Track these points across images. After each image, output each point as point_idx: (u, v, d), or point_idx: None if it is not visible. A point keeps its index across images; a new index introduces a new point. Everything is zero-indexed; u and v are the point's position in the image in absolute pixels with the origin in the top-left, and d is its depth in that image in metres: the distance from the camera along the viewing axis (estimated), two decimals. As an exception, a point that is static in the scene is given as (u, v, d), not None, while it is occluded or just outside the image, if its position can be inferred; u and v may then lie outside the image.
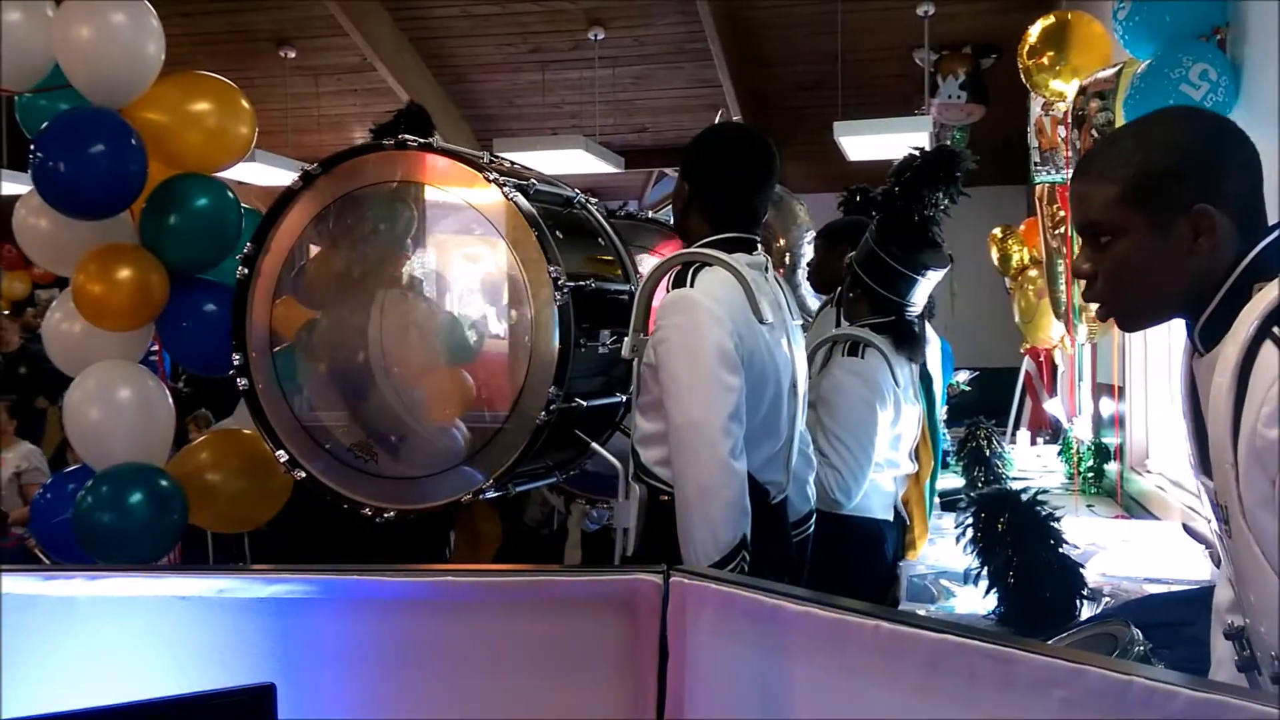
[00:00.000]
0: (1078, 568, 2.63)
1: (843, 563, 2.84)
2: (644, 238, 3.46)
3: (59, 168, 2.91)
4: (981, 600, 2.66)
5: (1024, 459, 5.56)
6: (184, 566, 3.12)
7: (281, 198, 2.76)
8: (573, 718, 1.56)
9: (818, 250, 3.77)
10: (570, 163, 7.05)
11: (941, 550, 3.33)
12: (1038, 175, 4.94)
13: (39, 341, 7.71)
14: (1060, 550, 2.61)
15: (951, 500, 3.92)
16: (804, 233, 4.42)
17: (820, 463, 2.85)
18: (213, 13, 7.44)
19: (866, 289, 3.06)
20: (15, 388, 6.75)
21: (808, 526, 2.63)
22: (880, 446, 2.98)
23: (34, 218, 3.15)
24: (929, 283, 3.04)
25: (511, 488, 2.69)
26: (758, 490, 2.31)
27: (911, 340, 3.08)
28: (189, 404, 4.51)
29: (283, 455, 2.74)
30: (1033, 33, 4.43)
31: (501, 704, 1.57)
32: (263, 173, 7.01)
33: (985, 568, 2.64)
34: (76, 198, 2.97)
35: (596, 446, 2.69)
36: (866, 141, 6.26)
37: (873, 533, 3.02)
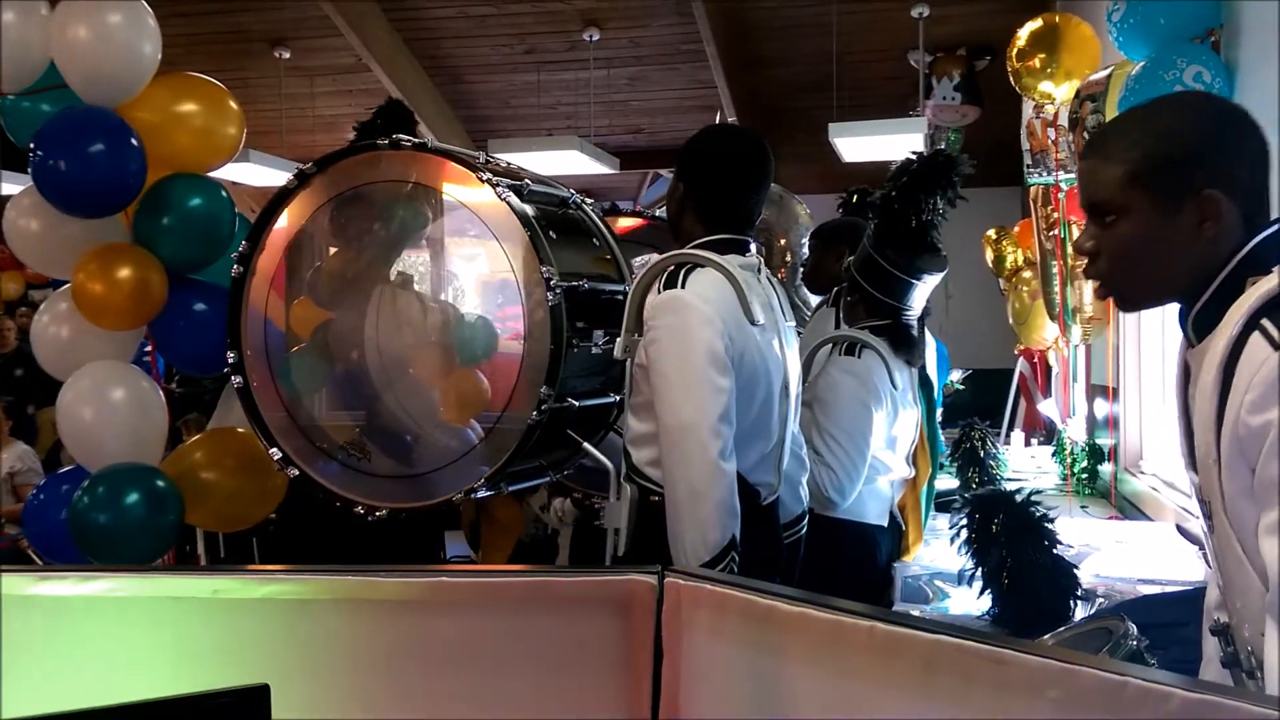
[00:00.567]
0: (1072, 569, 2.63)
1: (834, 566, 2.84)
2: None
3: (59, 166, 2.91)
4: (976, 601, 2.67)
5: (1018, 460, 5.56)
6: (178, 567, 3.12)
7: (276, 197, 2.76)
8: (567, 718, 1.56)
9: (812, 251, 3.77)
10: (565, 164, 7.05)
11: (936, 551, 3.33)
12: (1030, 177, 4.94)
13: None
14: (1054, 551, 2.62)
15: (946, 501, 3.92)
16: (805, 233, 4.42)
17: (815, 462, 2.85)
18: (208, 13, 7.44)
19: (864, 293, 3.06)
20: (11, 389, 6.73)
21: (800, 527, 2.63)
22: (875, 448, 2.98)
23: (24, 219, 3.14)
24: (926, 287, 3.04)
25: (504, 487, 2.69)
26: (749, 491, 2.31)
27: (909, 344, 3.08)
28: (182, 406, 4.49)
29: (276, 453, 2.74)
30: (1021, 35, 4.43)
31: (496, 704, 1.57)
32: (257, 173, 7.01)
33: (979, 569, 2.64)
34: (77, 195, 2.97)
35: (588, 447, 2.69)
36: (861, 143, 6.27)
37: (865, 537, 3.02)
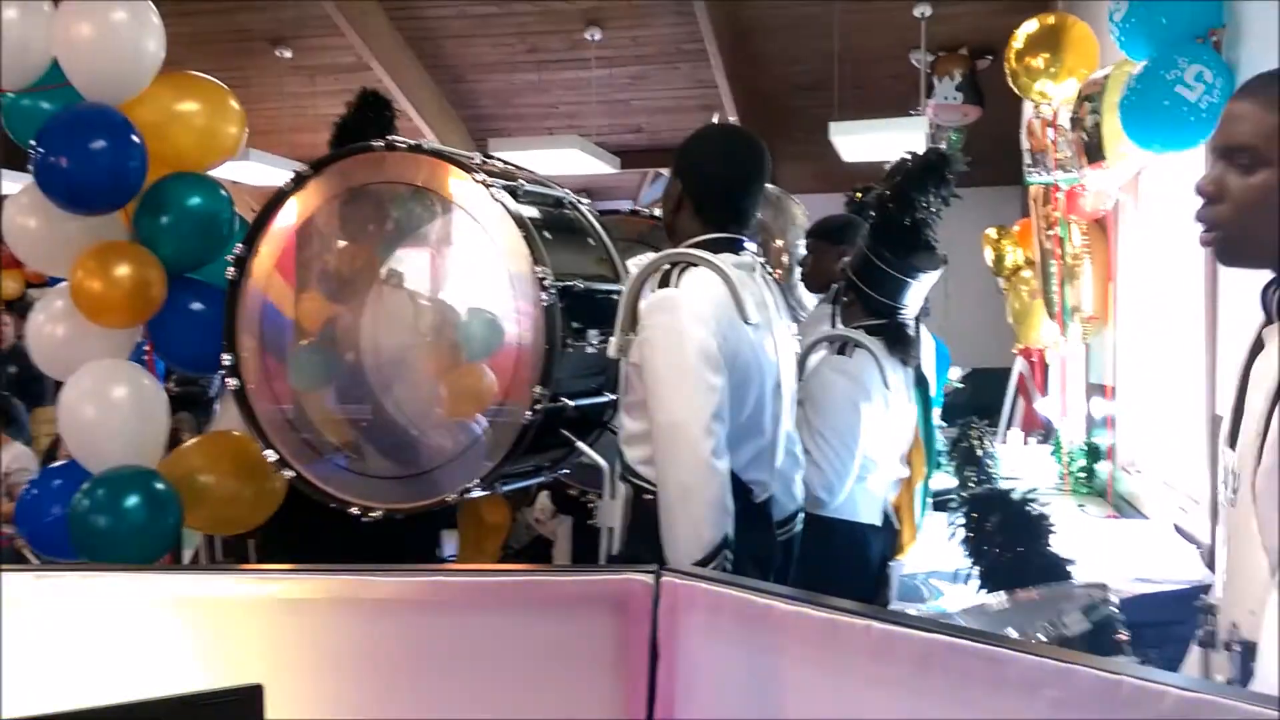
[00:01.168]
0: (1068, 567, 2.63)
1: (825, 565, 2.83)
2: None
3: (61, 162, 2.91)
4: (973, 600, 2.66)
5: (1016, 459, 5.56)
6: (174, 567, 3.12)
7: (273, 199, 2.76)
8: (563, 717, 1.56)
9: (810, 250, 3.77)
10: (566, 163, 7.04)
11: (932, 550, 3.33)
12: (1030, 177, 4.95)
13: (24, 340, 7.68)
14: (1050, 550, 2.61)
15: (943, 500, 3.92)
16: (801, 233, 4.41)
17: (805, 461, 2.85)
18: (209, 12, 7.42)
19: (860, 293, 3.06)
20: (6, 387, 6.72)
21: (794, 525, 2.63)
22: (867, 448, 2.98)
23: (23, 217, 3.13)
24: (922, 286, 3.04)
25: (499, 487, 2.69)
26: (742, 489, 2.31)
27: (905, 343, 3.08)
28: (173, 406, 4.49)
29: (271, 455, 2.74)
30: (1020, 36, 4.43)
31: (492, 703, 1.57)
32: (258, 172, 7.00)
33: (976, 567, 2.64)
34: (78, 192, 2.96)
35: (583, 446, 2.69)
36: (862, 142, 6.27)
37: (857, 536, 3.00)
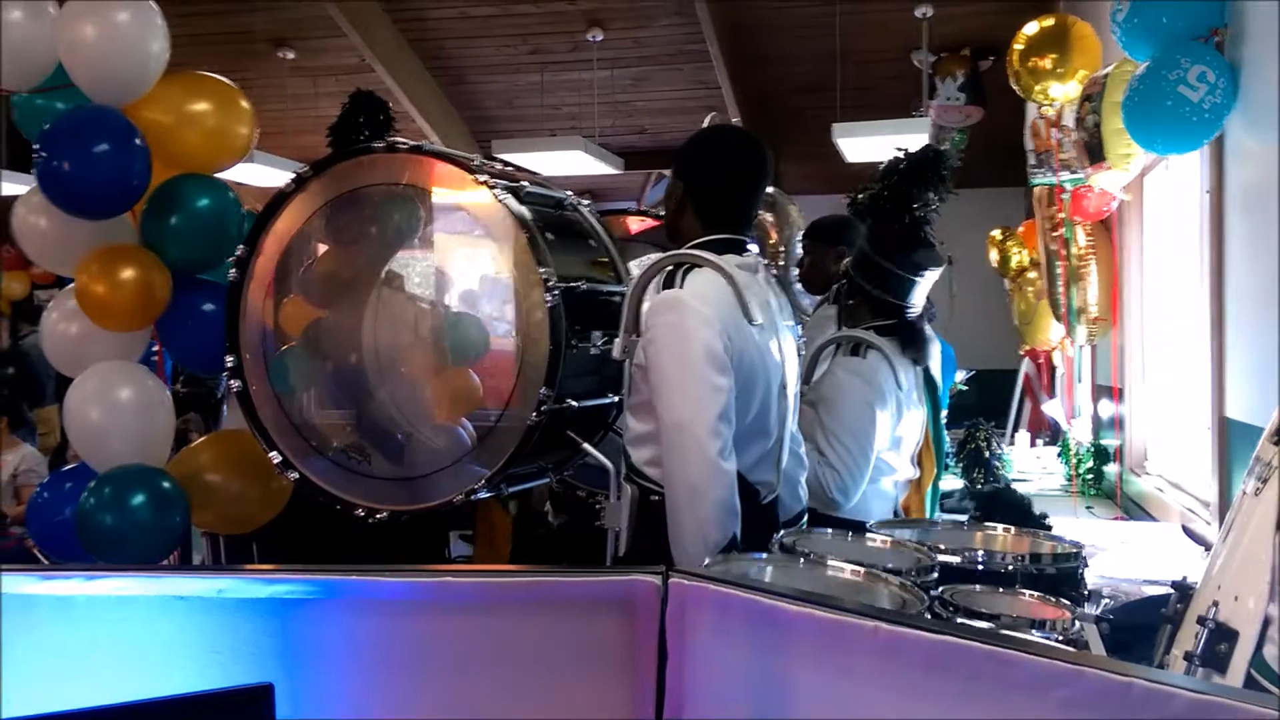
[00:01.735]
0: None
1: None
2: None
3: (64, 167, 2.90)
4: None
5: (1023, 460, 5.56)
6: (182, 566, 3.12)
7: (274, 200, 2.76)
8: (571, 718, 1.56)
9: (807, 250, 3.76)
10: (569, 164, 7.05)
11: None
12: (1034, 177, 4.94)
13: (25, 341, 7.69)
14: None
15: (950, 501, 3.92)
16: (797, 233, 4.42)
17: (819, 462, 2.85)
18: (211, 13, 7.44)
19: (865, 294, 3.06)
20: (3, 388, 6.73)
21: (800, 526, 2.63)
22: (880, 449, 2.98)
23: (34, 216, 3.13)
24: (927, 283, 3.04)
25: (504, 488, 2.69)
26: (748, 490, 2.31)
27: (917, 341, 3.08)
28: (181, 407, 4.51)
29: (276, 456, 2.74)
30: (1022, 37, 4.43)
31: (500, 704, 1.57)
32: (261, 173, 7.00)
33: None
34: (81, 197, 2.96)
35: (588, 447, 2.69)
36: (865, 143, 6.26)
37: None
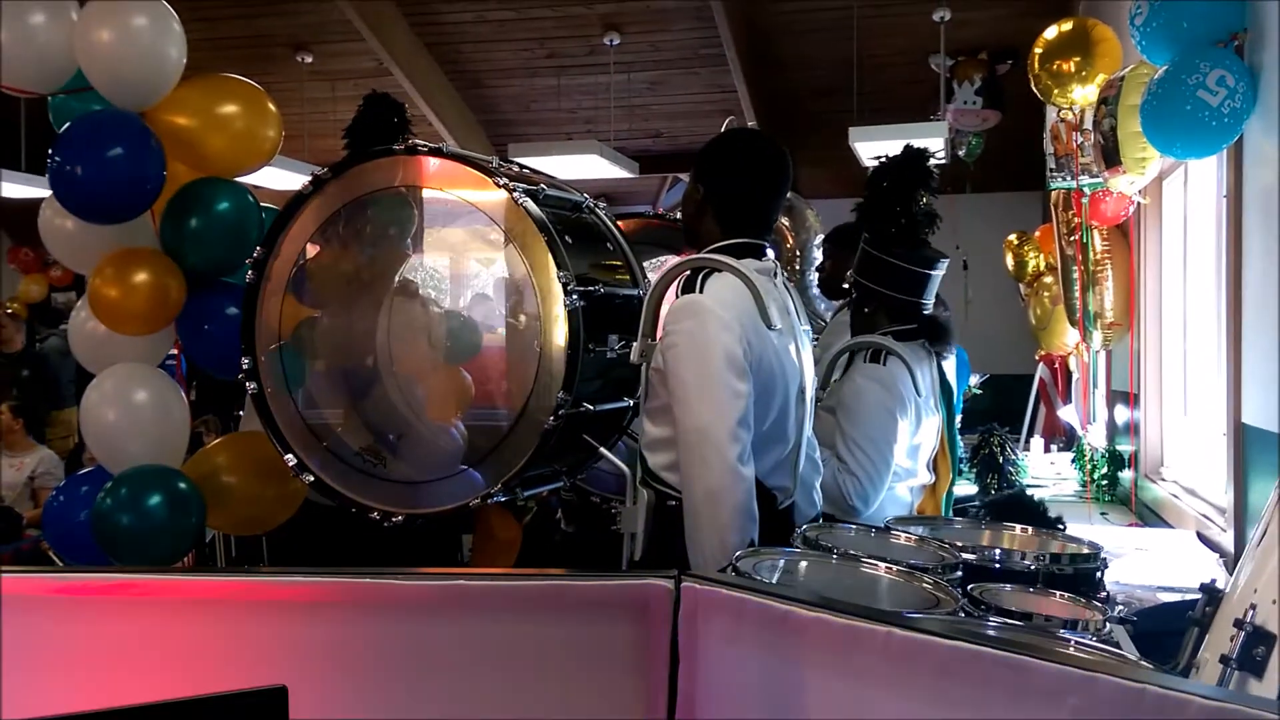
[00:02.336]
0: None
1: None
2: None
3: (76, 171, 2.91)
4: None
5: (1038, 466, 5.54)
6: (197, 568, 3.14)
7: (291, 202, 2.77)
8: (584, 719, 1.56)
9: (827, 255, 3.76)
10: (585, 168, 7.05)
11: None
12: (1053, 181, 4.92)
13: (44, 344, 7.76)
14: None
15: (964, 507, 3.90)
16: (814, 237, 4.42)
17: (839, 469, 2.84)
18: (230, 17, 7.48)
19: (883, 298, 3.04)
20: (19, 391, 6.78)
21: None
22: (898, 455, 2.97)
23: (60, 218, 3.15)
24: (937, 278, 3.05)
25: (519, 492, 2.69)
26: (765, 495, 2.31)
27: (946, 336, 3.10)
28: (198, 408, 4.54)
29: (291, 459, 2.74)
30: (1043, 40, 4.41)
31: (513, 707, 1.57)
32: (279, 177, 7.02)
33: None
34: (92, 202, 2.96)
35: (604, 451, 2.69)
36: (882, 147, 6.24)
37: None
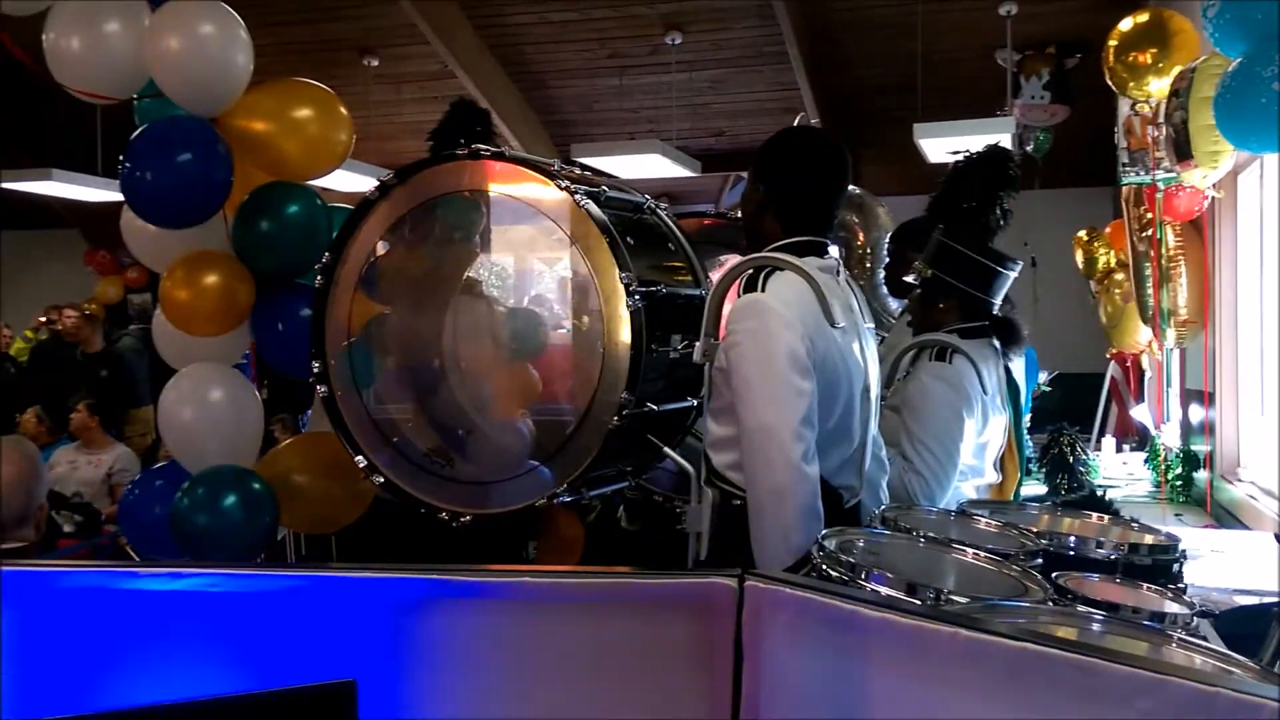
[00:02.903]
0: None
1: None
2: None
3: (145, 177, 2.98)
4: None
5: (1110, 466, 5.45)
6: (268, 564, 3.19)
7: (359, 208, 2.81)
8: (648, 718, 1.56)
9: (891, 253, 3.73)
10: (647, 167, 7.07)
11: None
12: (1125, 176, 4.84)
13: (118, 343, 7.95)
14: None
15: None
16: (885, 235, 4.38)
17: (904, 469, 2.82)
18: (297, 22, 7.62)
19: (954, 292, 3.01)
20: (98, 389, 6.95)
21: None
22: (965, 454, 2.94)
23: (140, 221, 3.22)
24: (1009, 279, 3.02)
25: (585, 492, 2.70)
26: (831, 494, 2.29)
27: (1017, 336, 3.06)
28: (270, 407, 4.62)
29: (361, 460, 2.78)
30: (1119, 32, 4.35)
31: (577, 703, 1.58)
32: (346, 179, 7.13)
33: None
34: (160, 207, 3.03)
35: (668, 451, 2.70)
36: (947, 144, 6.18)
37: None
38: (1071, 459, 4.60)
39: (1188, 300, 4.58)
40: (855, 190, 3.68)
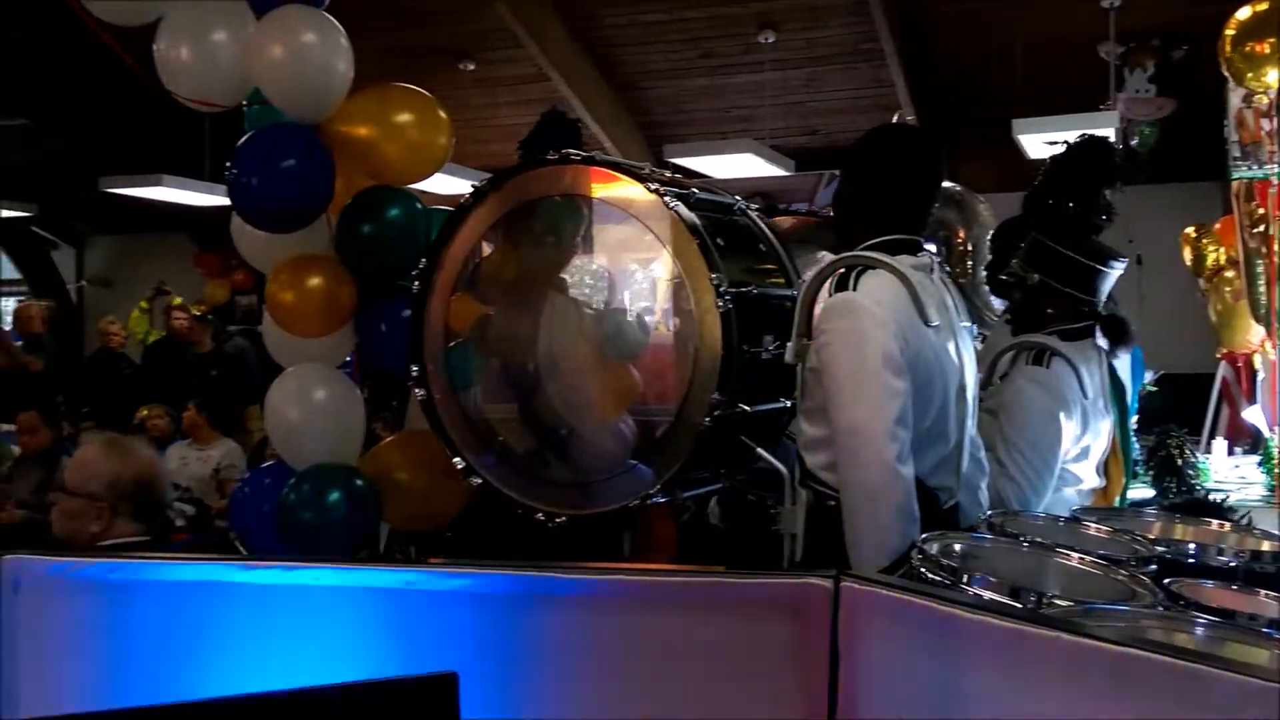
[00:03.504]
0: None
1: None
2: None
3: (250, 182, 3.06)
4: None
5: (1221, 469, 5.28)
6: (373, 559, 3.26)
7: (454, 213, 2.85)
8: (742, 718, 1.57)
9: (993, 251, 3.66)
10: (740, 167, 7.06)
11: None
12: (1236, 170, 4.70)
13: (227, 344, 8.19)
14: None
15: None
16: (987, 233, 4.30)
17: (999, 474, 2.77)
18: (395, 29, 7.76)
19: (1056, 294, 2.94)
20: (207, 389, 7.16)
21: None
22: (1065, 460, 2.87)
23: (249, 224, 3.31)
24: (1114, 277, 2.95)
25: (679, 493, 2.71)
26: (927, 496, 2.27)
27: (1126, 333, 2.99)
28: (373, 405, 4.71)
29: (459, 462, 2.83)
30: (1237, 21, 4.22)
31: (670, 703, 1.59)
32: (444, 182, 7.23)
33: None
34: (264, 211, 3.11)
35: (762, 452, 2.69)
36: (1047, 139, 6.06)
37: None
38: (1180, 462, 4.47)
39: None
40: (955, 187, 3.62)
